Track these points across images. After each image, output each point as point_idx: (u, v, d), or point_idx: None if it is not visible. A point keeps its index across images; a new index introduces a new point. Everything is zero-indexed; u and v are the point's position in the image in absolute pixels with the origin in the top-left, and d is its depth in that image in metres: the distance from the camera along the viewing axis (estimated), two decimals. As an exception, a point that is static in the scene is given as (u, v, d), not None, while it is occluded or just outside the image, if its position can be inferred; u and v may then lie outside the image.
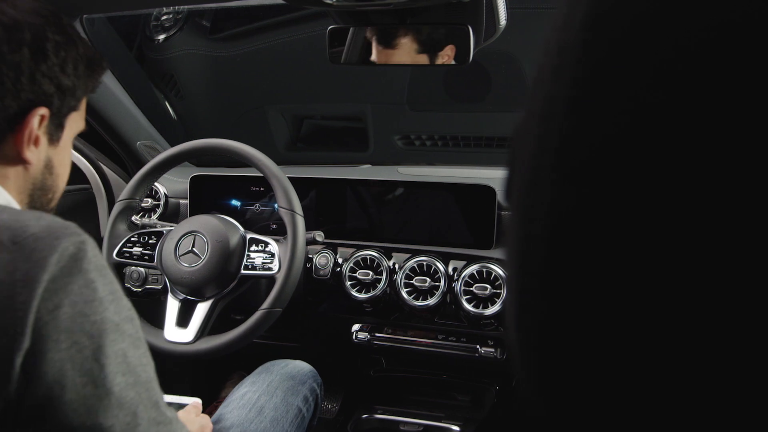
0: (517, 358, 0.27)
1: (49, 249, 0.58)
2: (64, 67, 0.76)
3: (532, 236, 0.24)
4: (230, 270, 1.37)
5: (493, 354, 1.44)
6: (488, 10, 1.20)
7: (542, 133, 0.24)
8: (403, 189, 1.57)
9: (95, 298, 0.60)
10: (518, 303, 0.25)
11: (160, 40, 2.22)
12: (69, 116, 0.82)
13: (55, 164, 0.82)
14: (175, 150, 1.46)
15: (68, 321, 0.58)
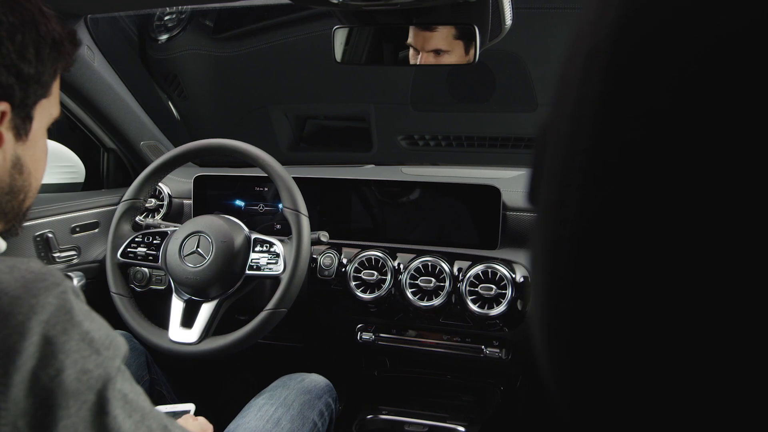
0: (545, 362, 0.26)
1: (28, 311, 0.52)
2: (23, 53, 0.66)
3: (563, 238, 0.24)
4: (235, 270, 1.36)
5: (498, 354, 1.44)
6: (494, 10, 1.20)
7: (572, 134, 0.24)
8: (407, 189, 1.56)
9: (93, 349, 0.56)
10: (548, 307, 0.25)
11: (163, 40, 2.21)
12: (37, 106, 0.71)
13: (25, 162, 0.71)
14: (180, 150, 1.46)
15: (74, 383, 0.53)
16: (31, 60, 0.67)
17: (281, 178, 1.37)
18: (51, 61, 0.70)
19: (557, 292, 0.24)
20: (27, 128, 0.70)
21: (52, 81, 0.73)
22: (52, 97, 0.74)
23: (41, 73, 0.69)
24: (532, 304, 0.30)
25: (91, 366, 0.55)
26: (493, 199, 1.48)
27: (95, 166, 1.84)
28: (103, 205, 1.69)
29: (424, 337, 1.51)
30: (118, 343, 0.59)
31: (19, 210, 0.75)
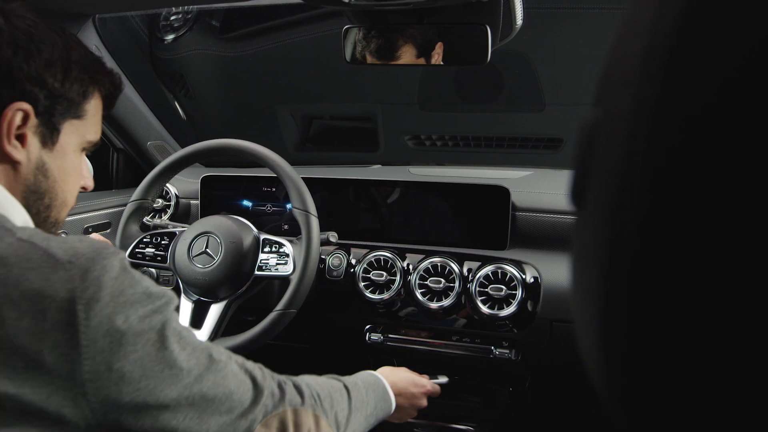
0: (597, 365, 0.26)
1: (101, 269, 0.64)
2: (50, 68, 0.76)
3: (621, 240, 0.23)
4: (244, 271, 1.36)
5: (508, 355, 1.44)
6: (505, 9, 1.19)
7: (630, 135, 0.23)
8: (415, 189, 1.56)
9: (151, 296, 0.68)
10: (603, 309, 0.25)
11: (170, 40, 2.21)
12: (65, 122, 0.80)
13: (50, 168, 0.80)
14: (188, 150, 1.45)
15: (140, 325, 0.65)
16: (57, 75, 0.77)
17: (290, 179, 1.37)
18: (80, 83, 0.80)
19: (614, 294, 0.24)
20: (54, 138, 0.80)
21: (83, 103, 0.82)
22: (88, 122, 0.84)
23: (68, 90, 0.79)
24: (579, 306, 0.30)
25: (151, 312, 0.67)
26: (502, 200, 1.48)
27: (102, 167, 1.84)
28: (113, 206, 1.69)
29: (433, 337, 1.50)
30: (170, 294, 0.72)
31: (46, 215, 0.83)
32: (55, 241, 0.66)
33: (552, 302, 1.38)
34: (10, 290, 0.61)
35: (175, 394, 0.68)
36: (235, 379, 0.77)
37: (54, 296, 0.61)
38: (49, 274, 0.62)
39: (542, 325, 1.39)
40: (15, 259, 0.62)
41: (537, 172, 1.72)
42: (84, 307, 0.62)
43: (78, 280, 0.63)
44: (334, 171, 1.77)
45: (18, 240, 0.65)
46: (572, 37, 1.96)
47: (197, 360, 0.71)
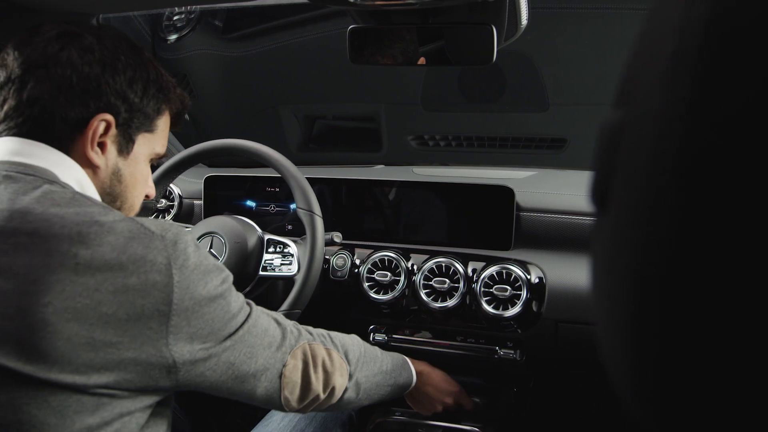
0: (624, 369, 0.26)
1: (184, 242, 0.77)
2: (132, 85, 0.86)
3: (653, 241, 0.23)
4: (248, 271, 1.35)
5: (512, 356, 1.43)
6: (510, 9, 1.19)
7: (660, 136, 0.23)
8: (419, 190, 1.56)
9: (219, 268, 0.83)
10: (633, 313, 0.24)
11: (173, 40, 2.21)
12: (139, 134, 0.90)
13: (124, 174, 0.90)
14: (192, 150, 1.45)
15: (213, 291, 0.79)
16: (137, 92, 0.88)
17: (295, 179, 1.36)
18: (155, 100, 0.91)
19: (644, 296, 0.24)
20: (129, 148, 0.90)
21: (156, 118, 0.93)
22: (157, 136, 0.94)
23: (145, 105, 0.89)
24: (602, 309, 0.29)
25: (219, 282, 0.81)
26: (507, 200, 1.48)
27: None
28: (115, 206, 1.68)
29: (438, 338, 1.50)
30: (226, 270, 0.85)
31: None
32: (148, 220, 0.79)
33: (557, 302, 1.37)
34: (119, 254, 0.72)
35: (232, 339, 0.83)
36: (266, 319, 0.92)
37: (154, 261, 0.74)
38: (149, 242, 0.75)
39: (547, 326, 1.39)
40: (121, 229, 0.74)
41: (541, 172, 1.72)
42: (178, 271, 0.75)
43: (171, 249, 0.76)
44: (337, 171, 1.76)
45: (122, 217, 0.77)
46: (576, 37, 1.96)
47: (244, 312, 0.86)
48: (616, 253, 0.26)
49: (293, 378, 0.94)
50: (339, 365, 1.03)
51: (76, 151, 0.85)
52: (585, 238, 1.44)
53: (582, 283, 1.37)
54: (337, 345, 1.07)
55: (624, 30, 1.92)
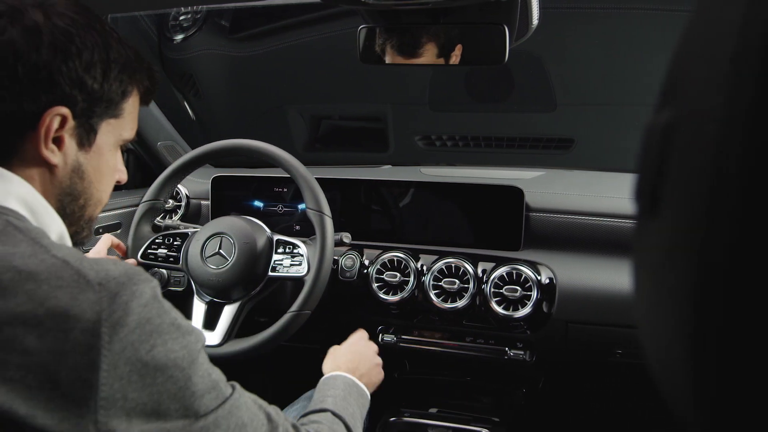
0: (676, 369, 0.25)
1: (131, 294, 0.63)
2: (90, 69, 0.73)
3: (712, 246, 0.23)
4: (257, 272, 1.35)
5: (522, 356, 1.43)
6: (522, 9, 1.19)
7: (722, 139, 0.23)
8: (428, 190, 1.55)
9: (180, 329, 0.66)
10: (692, 319, 0.24)
11: (179, 40, 2.21)
12: (102, 122, 0.78)
13: (86, 170, 0.78)
14: (201, 150, 1.44)
15: (164, 359, 0.64)
16: (96, 76, 0.75)
17: (304, 179, 1.36)
18: (119, 82, 0.78)
19: (705, 302, 0.23)
20: (90, 140, 0.78)
21: (121, 102, 0.80)
22: (124, 120, 0.81)
23: (107, 90, 0.76)
24: (651, 315, 0.29)
25: (178, 347, 0.65)
26: (516, 200, 1.47)
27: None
28: (124, 206, 1.68)
29: (447, 339, 1.50)
30: (198, 331, 0.70)
31: (80, 215, 0.81)
32: (89, 262, 0.64)
33: (567, 303, 1.37)
34: (35, 306, 0.59)
35: (192, 425, 0.67)
36: (252, 410, 0.76)
37: (80, 316, 0.60)
38: (78, 293, 0.61)
39: (557, 327, 1.38)
40: (46, 276, 0.61)
41: (549, 173, 1.71)
42: (109, 330, 0.60)
43: (106, 302, 0.61)
44: (344, 171, 1.76)
45: (52, 257, 0.63)
46: (584, 37, 1.95)
47: (217, 395, 0.70)
48: (672, 258, 0.25)
49: None
50: None
51: (27, 152, 0.73)
52: (595, 239, 1.43)
53: (593, 283, 1.37)
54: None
55: (632, 30, 1.92)
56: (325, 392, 1.09)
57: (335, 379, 1.13)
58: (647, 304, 0.29)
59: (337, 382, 1.12)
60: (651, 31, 1.89)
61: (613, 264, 1.40)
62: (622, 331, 1.36)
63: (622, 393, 1.63)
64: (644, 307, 0.30)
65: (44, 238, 0.67)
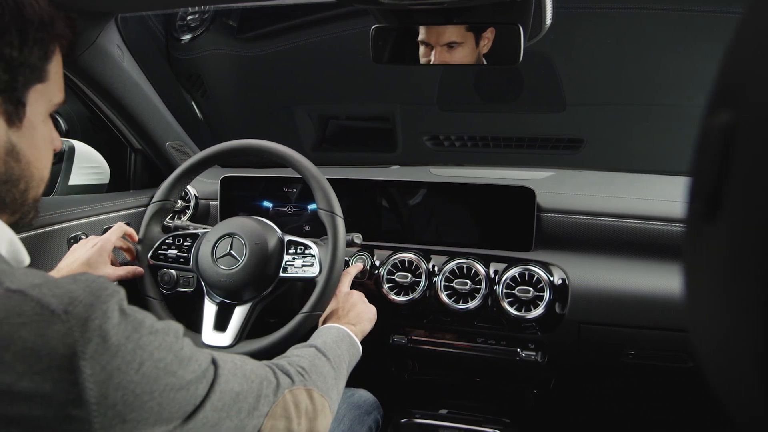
0: (744, 372, 0.25)
1: (102, 316, 0.57)
2: (3, 35, 0.64)
3: None
4: (268, 273, 1.34)
5: (534, 357, 1.42)
6: (536, 9, 1.18)
7: None
8: (438, 190, 1.55)
9: (158, 333, 0.62)
10: (763, 323, 0.23)
11: (186, 40, 2.20)
12: (30, 90, 0.69)
13: (21, 149, 0.69)
14: (211, 150, 1.44)
15: (154, 371, 0.60)
16: (13, 42, 0.65)
17: (316, 180, 1.35)
18: (39, 44, 0.68)
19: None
20: (20, 114, 0.68)
21: (45, 64, 0.70)
22: (51, 82, 0.72)
23: (27, 55, 0.67)
24: (710, 318, 0.28)
25: (164, 353, 0.61)
26: (527, 201, 1.47)
27: (120, 168, 1.83)
28: (131, 207, 1.67)
29: (458, 339, 1.49)
30: (174, 324, 0.66)
31: (23, 200, 0.72)
32: (48, 287, 0.57)
33: (580, 304, 1.36)
34: (1, 352, 0.53)
35: (192, 420, 0.65)
36: (236, 381, 0.73)
37: (52, 354, 0.53)
38: (45, 328, 0.54)
39: (569, 327, 1.38)
40: (4, 314, 0.54)
41: (560, 173, 1.71)
42: (88, 362, 0.54)
43: (78, 332, 0.55)
44: (353, 172, 1.75)
45: (6, 291, 0.56)
46: (594, 37, 1.95)
47: (206, 380, 0.68)
48: (739, 259, 0.25)
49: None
50: (321, 406, 0.89)
51: None
52: (607, 239, 1.43)
53: (605, 284, 1.36)
54: (315, 380, 0.91)
55: (642, 29, 1.91)
56: (318, 335, 1.10)
57: (330, 328, 1.15)
58: (707, 308, 0.29)
59: (331, 330, 1.14)
60: (661, 31, 1.88)
61: (626, 264, 1.40)
62: (634, 332, 1.35)
63: (633, 394, 1.63)
64: (702, 311, 0.29)
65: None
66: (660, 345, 1.36)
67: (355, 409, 1.31)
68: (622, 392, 1.63)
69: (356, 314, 1.25)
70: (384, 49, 1.25)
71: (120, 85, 1.54)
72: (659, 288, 1.34)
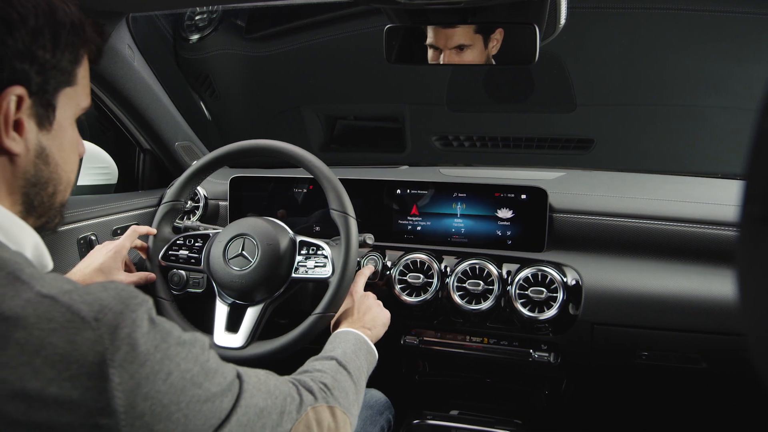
0: None
1: (132, 324, 0.57)
2: (37, 38, 0.65)
3: None
4: (281, 274, 1.33)
5: (547, 358, 1.42)
6: (551, 8, 1.17)
7: None
8: (450, 190, 1.54)
9: (185, 345, 0.62)
10: None
11: (194, 40, 2.20)
12: (60, 93, 0.70)
13: (50, 152, 0.70)
14: (223, 151, 1.43)
15: (181, 380, 0.60)
16: (46, 45, 0.66)
17: (328, 180, 1.34)
18: (70, 47, 0.69)
19: None
20: (51, 117, 0.69)
21: (75, 68, 0.71)
22: (79, 86, 0.73)
23: (59, 59, 0.68)
24: None
25: (191, 364, 0.61)
26: (540, 201, 1.46)
27: (128, 168, 1.83)
28: (140, 207, 1.67)
29: (469, 340, 1.48)
30: (200, 337, 0.65)
31: (50, 204, 0.73)
32: (78, 294, 0.57)
33: (594, 305, 1.36)
34: (31, 357, 0.53)
35: (215, 429, 0.65)
36: (261, 397, 0.73)
37: (81, 361, 0.53)
38: (75, 335, 0.54)
39: (583, 328, 1.37)
40: (35, 320, 0.54)
41: (571, 173, 1.70)
42: (118, 369, 0.54)
43: (107, 339, 0.55)
44: (362, 172, 1.75)
45: (37, 295, 0.56)
46: (605, 37, 1.94)
47: (231, 394, 0.68)
48: None
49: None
50: (343, 423, 0.89)
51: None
52: (620, 240, 1.42)
53: (619, 284, 1.36)
54: (337, 396, 0.91)
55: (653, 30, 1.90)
56: (336, 344, 1.10)
57: (347, 334, 1.14)
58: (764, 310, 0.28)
59: (349, 337, 1.13)
60: (672, 31, 1.88)
61: (639, 265, 1.39)
62: (648, 333, 1.35)
63: (645, 395, 1.62)
64: (759, 313, 0.29)
65: (25, 268, 0.59)
66: (674, 346, 1.35)
67: (367, 409, 1.31)
68: (634, 393, 1.62)
69: (371, 318, 1.24)
70: (397, 49, 1.24)
71: (130, 84, 1.54)
72: (674, 288, 1.33)
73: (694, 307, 1.31)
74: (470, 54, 1.18)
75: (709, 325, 1.31)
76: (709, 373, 1.38)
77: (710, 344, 1.33)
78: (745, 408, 1.58)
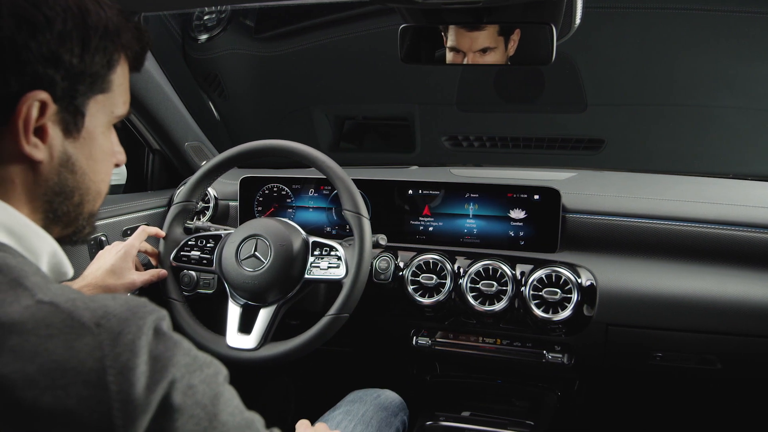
0: None
1: (136, 331, 0.53)
2: (64, 41, 0.61)
3: None
4: (293, 275, 1.33)
5: (560, 360, 1.41)
6: (567, 8, 1.17)
7: None
8: (461, 191, 1.53)
9: (197, 362, 0.57)
10: None
11: (203, 40, 2.19)
12: (91, 100, 0.67)
13: (77, 160, 0.67)
14: (235, 151, 1.43)
15: (182, 397, 0.54)
16: (74, 49, 0.62)
17: (341, 180, 1.34)
18: (102, 52, 0.65)
19: None
20: (78, 124, 0.66)
21: (109, 74, 0.68)
22: (115, 94, 0.70)
23: (89, 64, 0.64)
24: None
25: (197, 381, 0.56)
26: (553, 202, 1.46)
27: (138, 168, 1.82)
28: (150, 208, 1.67)
29: (482, 342, 1.48)
30: (217, 362, 0.61)
31: (77, 214, 0.70)
32: (83, 301, 0.54)
33: (608, 306, 1.35)
34: (24, 364, 0.50)
35: None
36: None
37: (78, 368, 0.50)
38: (73, 341, 0.51)
39: (597, 329, 1.36)
40: (32, 326, 0.51)
41: (582, 173, 1.69)
42: (116, 378, 0.50)
43: (108, 345, 0.51)
44: (372, 172, 1.74)
45: (37, 302, 0.53)
46: (616, 37, 1.93)
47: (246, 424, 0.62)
48: None
49: None
50: None
51: (3, 151, 0.61)
52: (634, 240, 1.42)
53: (633, 285, 1.35)
54: None
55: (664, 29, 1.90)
56: None
57: None
58: None
59: None
60: (683, 31, 1.87)
61: (654, 265, 1.39)
62: (663, 334, 1.34)
63: (659, 397, 1.61)
64: None
65: (30, 275, 0.57)
66: (688, 347, 1.35)
67: (382, 410, 1.30)
68: (646, 395, 1.62)
69: None
70: (413, 49, 1.24)
71: (141, 84, 1.54)
72: (688, 289, 1.33)
73: (709, 308, 1.31)
74: (493, 56, 1.19)
75: (724, 326, 1.31)
76: (724, 375, 1.37)
77: (725, 346, 1.32)
78: (760, 411, 1.58)
